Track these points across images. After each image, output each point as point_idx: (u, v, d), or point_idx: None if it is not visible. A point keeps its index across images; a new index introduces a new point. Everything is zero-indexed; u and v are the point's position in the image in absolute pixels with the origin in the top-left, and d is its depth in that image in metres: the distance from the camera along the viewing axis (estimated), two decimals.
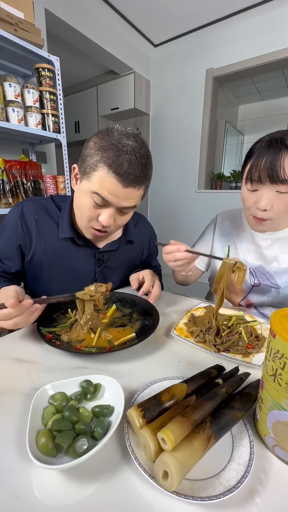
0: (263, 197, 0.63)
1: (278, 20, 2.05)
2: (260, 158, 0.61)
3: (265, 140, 0.62)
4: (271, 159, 0.59)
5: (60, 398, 0.37)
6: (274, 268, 0.75)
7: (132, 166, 0.55)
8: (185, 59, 2.55)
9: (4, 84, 1.27)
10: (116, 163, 0.54)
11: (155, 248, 0.97)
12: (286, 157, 0.58)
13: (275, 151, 0.59)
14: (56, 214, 0.72)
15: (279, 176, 0.58)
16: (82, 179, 0.60)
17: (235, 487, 0.27)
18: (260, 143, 0.63)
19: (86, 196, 0.59)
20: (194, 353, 0.53)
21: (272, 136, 0.62)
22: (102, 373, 0.44)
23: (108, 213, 0.60)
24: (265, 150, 0.60)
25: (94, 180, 0.56)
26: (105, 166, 0.54)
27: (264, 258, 0.76)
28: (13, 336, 0.58)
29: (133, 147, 0.55)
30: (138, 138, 0.58)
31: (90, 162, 0.56)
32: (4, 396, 0.40)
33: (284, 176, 0.58)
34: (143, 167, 0.57)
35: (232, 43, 2.28)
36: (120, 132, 0.56)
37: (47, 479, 0.29)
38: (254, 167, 0.62)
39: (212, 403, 0.33)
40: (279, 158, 0.58)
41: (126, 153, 0.54)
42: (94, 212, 0.61)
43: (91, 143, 0.57)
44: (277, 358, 0.29)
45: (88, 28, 2.04)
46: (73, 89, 3.20)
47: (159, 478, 0.27)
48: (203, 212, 2.72)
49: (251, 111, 3.67)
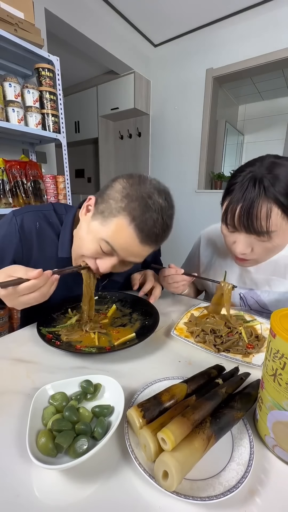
0: (240, 242, 0.58)
1: (278, 20, 2.05)
2: (236, 204, 0.54)
3: (245, 177, 0.53)
4: (246, 207, 0.52)
5: (60, 398, 0.37)
6: (266, 293, 0.71)
7: (157, 226, 0.51)
8: (185, 59, 2.55)
9: (4, 84, 1.27)
10: (141, 218, 0.49)
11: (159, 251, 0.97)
12: (263, 205, 0.51)
13: (251, 197, 0.51)
14: (57, 228, 0.67)
15: (255, 227, 0.52)
16: (95, 219, 0.54)
17: (235, 487, 0.27)
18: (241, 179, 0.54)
19: (93, 240, 0.54)
20: (194, 353, 0.53)
21: (253, 173, 0.53)
22: (102, 373, 0.44)
23: (109, 262, 0.56)
24: (241, 193, 0.53)
25: (110, 226, 0.51)
26: (128, 216, 0.49)
27: (254, 282, 0.72)
28: (13, 336, 0.58)
29: (162, 207, 0.51)
30: (169, 198, 0.54)
31: (112, 207, 0.51)
32: (4, 396, 0.40)
33: (260, 229, 0.52)
34: (166, 229, 0.53)
35: (232, 43, 2.28)
36: (153, 185, 0.52)
37: (47, 479, 0.29)
38: (230, 211, 0.56)
39: (212, 403, 0.34)
40: (256, 206, 0.51)
41: (155, 211, 0.50)
42: (96, 255, 0.56)
43: (119, 186, 0.52)
44: (277, 358, 0.29)
45: (88, 28, 2.03)
46: (73, 89, 3.20)
47: (159, 478, 0.27)
48: (203, 212, 2.72)
49: (251, 111, 3.67)
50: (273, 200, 0.50)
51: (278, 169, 0.51)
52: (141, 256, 0.56)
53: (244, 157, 3.72)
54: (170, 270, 0.69)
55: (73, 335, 0.57)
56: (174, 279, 0.68)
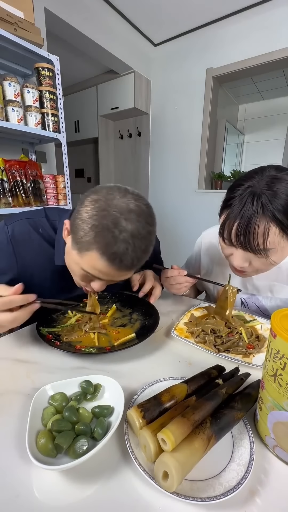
0: (237, 256, 0.56)
1: (278, 19, 2.04)
2: (233, 219, 0.52)
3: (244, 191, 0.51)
4: (243, 224, 0.50)
5: (60, 398, 0.37)
6: (268, 298, 0.70)
7: (129, 254, 0.46)
8: (185, 59, 2.55)
9: (3, 83, 1.27)
10: (110, 251, 0.46)
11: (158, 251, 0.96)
12: (261, 224, 0.49)
13: (249, 214, 0.49)
14: (51, 236, 0.65)
15: (252, 245, 0.51)
16: (73, 248, 0.52)
17: (235, 487, 0.27)
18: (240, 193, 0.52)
19: (77, 268, 0.53)
20: (194, 354, 0.53)
21: (252, 188, 0.51)
22: (102, 373, 0.44)
23: (99, 283, 0.54)
24: (238, 209, 0.51)
25: (85, 259, 0.49)
26: (98, 250, 0.46)
27: (256, 288, 0.72)
28: (13, 336, 0.58)
29: (133, 233, 0.46)
30: (140, 215, 0.47)
31: (82, 240, 0.48)
32: (4, 396, 0.40)
33: (257, 247, 0.51)
34: (142, 252, 0.48)
35: (232, 42, 2.28)
36: (119, 209, 0.46)
37: (47, 480, 0.29)
38: (227, 226, 0.54)
39: (213, 403, 0.33)
40: (253, 225, 0.49)
41: (123, 241, 0.45)
42: (85, 278, 0.55)
43: (85, 214, 0.47)
44: (277, 358, 0.29)
45: (88, 27, 2.03)
46: (73, 88, 3.20)
47: (159, 478, 0.27)
48: (203, 212, 2.71)
49: (251, 110, 3.66)
50: (271, 218, 0.48)
51: (278, 185, 0.49)
52: (126, 276, 0.53)
53: (244, 157, 3.71)
54: (172, 271, 0.68)
55: (73, 335, 0.57)
56: (177, 280, 0.68)
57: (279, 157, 3.33)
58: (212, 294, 0.84)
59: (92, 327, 0.59)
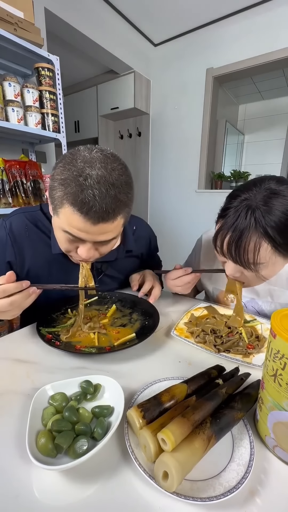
0: (229, 266, 0.56)
1: (278, 19, 2.04)
2: (226, 231, 0.51)
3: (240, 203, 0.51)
4: (235, 237, 0.50)
5: (60, 398, 0.37)
6: (267, 303, 0.70)
7: (98, 202, 0.46)
8: (185, 59, 2.55)
9: (3, 83, 1.27)
10: (79, 200, 0.45)
11: (156, 248, 0.96)
12: (252, 239, 0.48)
13: (241, 228, 0.49)
14: (47, 227, 0.67)
15: (241, 259, 0.51)
16: (53, 213, 0.53)
17: (235, 487, 0.27)
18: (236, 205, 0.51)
19: (59, 230, 0.54)
20: (194, 354, 0.53)
21: (248, 201, 0.50)
22: (102, 373, 0.44)
23: (86, 247, 0.54)
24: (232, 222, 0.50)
25: (61, 217, 0.50)
26: (68, 204, 0.47)
27: (256, 292, 0.71)
28: (13, 336, 0.58)
29: (98, 178, 0.46)
30: (105, 162, 0.48)
31: (55, 198, 0.49)
32: (4, 396, 0.40)
33: (246, 261, 0.50)
34: (113, 198, 0.47)
35: (232, 42, 2.28)
36: (83, 159, 0.47)
37: (47, 480, 0.29)
38: (219, 237, 0.54)
39: (213, 403, 0.33)
40: (244, 239, 0.49)
41: (89, 187, 0.45)
42: (72, 245, 0.55)
43: (55, 174, 0.49)
44: (277, 358, 0.29)
45: (88, 27, 2.03)
46: (73, 88, 3.20)
47: (159, 478, 0.27)
48: (203, 212, 2.71)
49: (251, 110, 3.66)
50: (262, 234, 0.48)
51: (275, 201, 0.48)
52: (106, 232, 0.52)
53: (244, 157, 3.71)
54: (177, 272, 0.67)
55: (72, 335, 0.57)
56: (184, 280, 0.67)
57: (279, 157, 3.33)
58: (211, 296, 0.84)
59: (92, 327, 0.59)
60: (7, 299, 0.46)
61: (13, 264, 0.66)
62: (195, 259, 0.87)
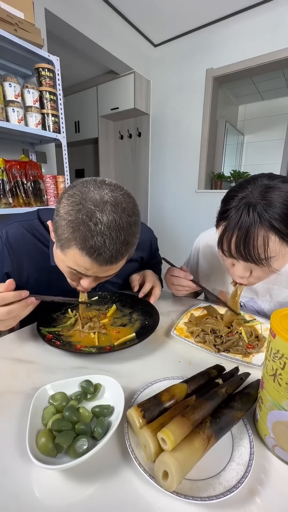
0: (238, 266, 0.56)
1: (278, 20, 2.05)
2: (231, 231, 0.51)
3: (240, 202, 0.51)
4: (242, 236, 0.50)
5: (60, 398, 0.37)
6: (266, 302, 0.70)
7: (108, 248, 0.46)
8: (185, 59, 2.55)
9: (4, 84, 1.27)
10: (88, 246, 0.45)
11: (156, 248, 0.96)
12: (260, 234, 0.49)
13: (246, 226, 0.49)
14: (45, 237, 0.66)
15: (252, 256, 0.50)
16: (57, 246, 0.52)
17: (235, 487, 0.27)
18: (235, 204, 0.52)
19: (63, 264, 0.53)
20: (194, 353, 0.53)
21: (246, 198, 0.50)
22: (102, 373, 0.44)
23: (87, 281, 0.54)
24: (235, 221, 0.50)
25: (68, 256, 0.49)
26: (76, 247, 0.46)
27: (255, 291, 0.71)
28: (13, 336, 0.58)
29: (109, 224, 0.45)
30: (115, 206, 0.46)
31: (62, 237, 0.48)
32: (4, 396, 0.40)
33: (257, 257, 0.50)
34: (121, 243, 0.47)
35: (232, 43, 2.28)
36: (93, 201, 0.45)
37: (47, 479, 0.29)
38: (225, 239, 0.53)
39: (212, 403, 0.34)
40: (252, 236, 0.49)
41: (99, 233, 0.44)
42: (74, 276, 0.55)
43: (61, 210, 0.47)
44: (277, 358, 0.29)
45: (88, 28, 2.03)
46: (73, 89, 3.20)
47: (159, 478, 0.27)
48: (203, 212, 2.71)
49: (251, 111, 3.66)
50: (269, 228, 0.48)
51: (272, 194, 0.49)
52: (111, 271, 0.52)
53: (244, 157, 3.71)
54: (180, 272, 0.68)
55: (73, 335, 0.57)
56: (180, 282, 0.68)
57: (279, 157, 3.33)
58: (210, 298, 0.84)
59: (92, 327, 0.59)
60: (5, 308, 0.45)
61: (10, 275, 0.64)
62: (193, 261, 0.87)
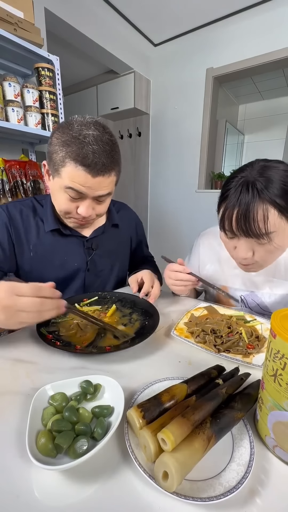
0: (241, 247, 0.58)
1: (278, 19, 2.04)
2: (231, 209, 0.54)
3: (238, 182, 0.54)
4: (242, 211, 0.52)
5: (60, 398, 0.37)
6: (266, 294, 0.71)
7: (98, 156, 0.56)
8: (185, 59, 2.55)
9: (3, 83, 1.27)
10: (81, 155, 0.55)
11: (144, 236, 0.99)
12: (259, 208, 0.51)
13: (246, 201, 0.52)
14: (40, 210, 0.75)
15: (253, 231, 0.52)
16: (54, 176, 0.61)
17: (236, 487, 0.27)
18: (234, 185, 0.55)
19: (60, 191, 0.61)
20: (194, 353, 0.53)
21: (245, 178, 0.54)
22: (102, 373, 0.44)
23: (85, 204, 0.62)
24: (235, 198, 0.53)
25: (64, 175, 0.58)
26: (71, 160, 0.55)
27: (255, 284, 0.72)
28: (13, 336, 0.58)
29: (95, 136, 0.56)
30: (98, 126, 0.58)
31: (57, 159, 0.57)
32: (4, 396, 0.40)
33: (258, 231, 0.52)
34: (108, 154, 0.57)
35: (233, 42, 2.28)
36: (79, 123, 0.57)
37: (47, 480, 0.29)
38: (226, 217, 0.56)
39: (213, 403, 0.33)
40: (252, 210, 0.51)
41: (89, 143, 0.55)
42: (72, 205, 0.62)
43: (54, 139, 0.58)
44: (277, 358, 0.29)
45: (88, 27, 2.03)
46: (73, 88, 3.20)
47: (159, 478, 0.27)
48: (203, 212, 2.71)
49: (251, 110, 3.66)
50: (268, 202, 0.51)
51: (269, 171, 0.52)
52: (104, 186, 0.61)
53: (244, 157, 3.71)
54: (177, 266, 0.69)
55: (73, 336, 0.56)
56: (178, 277, 0.68)
57: (279, 157, 3.31)
58: (212, 293, 0.84)
59: None
60: (37, 299, 0.44)
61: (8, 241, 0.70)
62: (194, 259, 0.87)
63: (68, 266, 0.76)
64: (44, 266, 0.74)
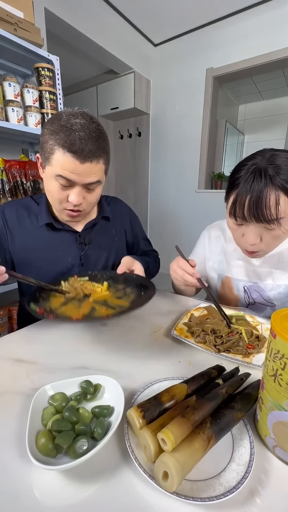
0: (250, 233, 0.60)
1: (278, 19, 2.05)
2: (243, 195, 0.56)
3: (249, 170, 0.56)
4: (255, 197, 0.54)
5: (60, 398, 0.37)
6: (269, 286, 0.72)
7: (84, 142, 0.57)
8: (185, 59, 2.55)
9: (3, 83, 1.27)
10: (68, 142, 0.57)
11: (141, 231, 0.97)
12: (271, 194, 0.53)
13: (259, 187, 0.53)
14: (35, 208, 0.77)
15: (265, 216, 0.54)
16: (45, 165, 0.63)
17: (236, 487, 0.27)
18: (245, 173, 0.57)
19: (52, 180, 0.63)
20: (194, 354, 0.53)
21: (256, 165, 0.56)
22: (102, 373, 0.44)
23: (75, 192, 0.63)
24: (248, 185, 0.55)
25: (54, 163, 0.59)
26: (59, 147, 0.57)
27: (258, 275, 0.74)
28: (13, 336, 0.58)
29: (82, 124, 0.58)
30: (85, 115, 0.61)
31: (47, 148, 0.59)
32: (4, 396, 0.40)
33: (270, 217, 0.54)
34: (95, 141, 0.59)
35: (232, 42, 2.28)
36: (67, 113, 0.60)
37: (47, 480, 0.29)
38: (237, 203, 0.57)
39: (212, 403, 0.33)
40: (264, 196, 0.53)
41: (76, 131, 0.57)
42: (63, 194, 0.64)
43: (45, 130, 0.61)
44: (277, 358, 0.29)
45: (88, 27, 2.03)
46: (73, 88, 3.20)
47: (159, 478, 0.27)
48: (203, 212, 2.72)
49: (251, 110, 3.67)
50: (280, 188, 0.53)
51: (279, 159, 0.55)
52: (92, 173, 0.62)
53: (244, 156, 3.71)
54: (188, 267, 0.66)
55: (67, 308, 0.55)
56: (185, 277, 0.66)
57: None
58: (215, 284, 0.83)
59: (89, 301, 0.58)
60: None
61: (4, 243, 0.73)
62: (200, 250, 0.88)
63: (62, 262, 0.77)
64: (37, 262, 0.75)
